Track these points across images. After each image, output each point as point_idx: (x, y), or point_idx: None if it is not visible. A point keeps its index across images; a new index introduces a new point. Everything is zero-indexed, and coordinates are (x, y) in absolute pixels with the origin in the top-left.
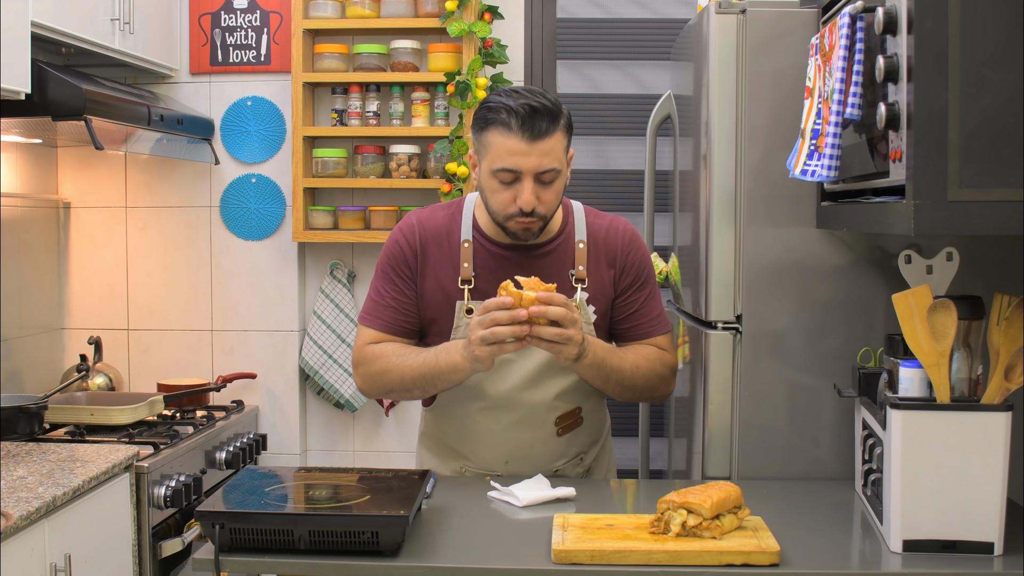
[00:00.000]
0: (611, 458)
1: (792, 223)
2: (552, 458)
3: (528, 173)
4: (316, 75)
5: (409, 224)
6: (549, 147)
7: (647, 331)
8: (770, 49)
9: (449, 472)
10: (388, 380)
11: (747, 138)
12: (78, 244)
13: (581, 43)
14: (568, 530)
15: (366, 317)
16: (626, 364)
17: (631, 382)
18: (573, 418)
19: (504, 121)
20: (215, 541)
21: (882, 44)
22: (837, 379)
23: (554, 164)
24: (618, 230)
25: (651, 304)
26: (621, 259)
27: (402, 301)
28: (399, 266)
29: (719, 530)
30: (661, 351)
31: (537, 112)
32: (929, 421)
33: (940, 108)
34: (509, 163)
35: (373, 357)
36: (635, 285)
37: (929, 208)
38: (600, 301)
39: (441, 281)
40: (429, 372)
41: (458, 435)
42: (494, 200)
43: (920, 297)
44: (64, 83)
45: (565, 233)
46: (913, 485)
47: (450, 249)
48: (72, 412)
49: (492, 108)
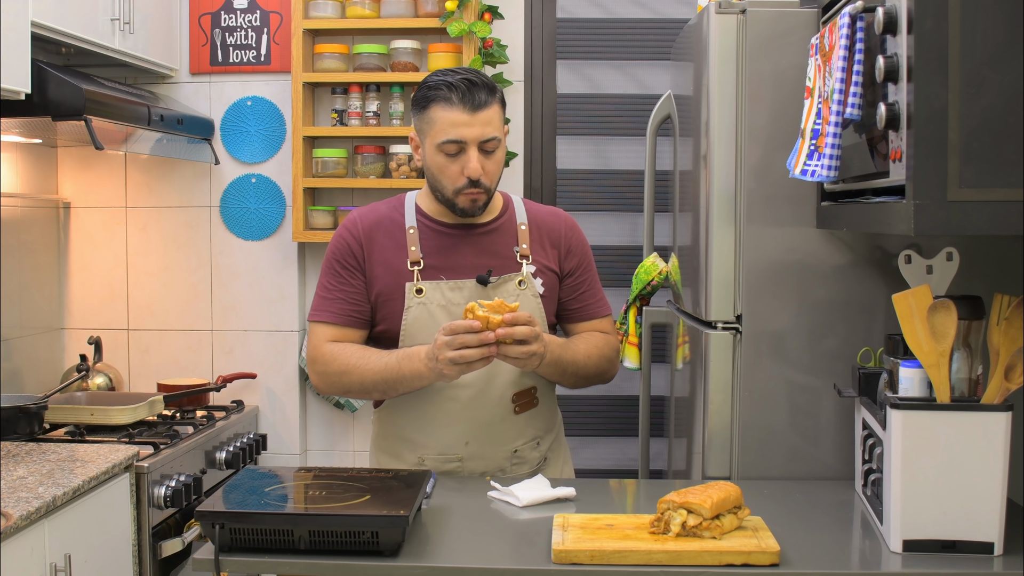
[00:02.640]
0: (567, 451)
1: (792, 223)
2: (511, 437)
3: (472, 142)
4: (316, 75)
5: (351, 219)
6: (488, 117)
7: (594, 312)
8: (770, 49)
9: (407, 466)
10: (347, 381)
11: (747, 138)
12: (78, 244)
13: (581, 43)
14: (568, 530)
15: (316, 313)
16: (579, 356)
17: (584, 372)
18: (529, 396)
19: (445, 96)
20: (215, 541)
21: (882, 44)
22: (837, 379)
23: (495, 133)
24: (559, 216)
25: (595, 287)
26: (565, 242)
27: (350, 292)
28: (344, 258)
29: (719, 530)
30: (606, 335)
31: (475, 85)
32: (929, 421)
33: (940, 108)
34: (453, 134)
35: (331, 357)
36: (581, 267)
37: (929, 208)
38: (546, 276)
39: (390, 264)
40: (391, 377)
41: (414, 423)
42: (443, 175)
43: (920, 297)
44: (64, 83)
45: (507, 215)
46: (913, 485)
47: (394, 235)
48: (72, 412)
49: (432, 87)
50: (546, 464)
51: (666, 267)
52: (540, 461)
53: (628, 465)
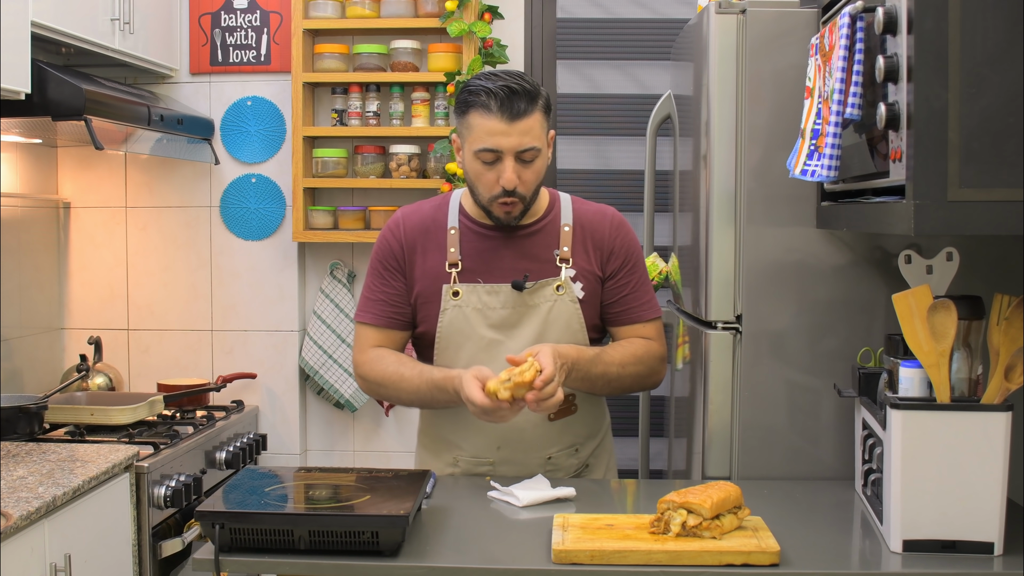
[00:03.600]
0: (612, 458)
1: (792, 223)
2: (544, 444)
3: (508, 152)
4: (316, 75)
5: (395, 220)
6: (528, 127)
7: (638, 315)
8: (770, 49)
9: (443, 465)
10: (384, 393)
11: (747, 138)
12: (78, 244)
13: (581, 43)
14: (568, 530)
15: (360, 313)
16: (612, 368)
17: (619, 382)
18: (566, 404)
19: (484, 103)
20: (215, 541)
21: (882, 44)
22: (837, 379)
23: (533, 143)
24: (605, 215)
25: (642, 289)
26: (609, 242)
27: (391, 294)
28: (387, 259)
29: (719, 530)
30: (649, 342)
31: (515, 93)
32: (929, 421)
33: (940, 108)
34: (490, 143)
35: (370, 367)
36: (625, 267)
37: (929, 208)
38: (587, 279)
39: (429, 267)
40: (424, 401)
41: (451, 424)
42: (478, 182)
43: (920, 297)
44: (64, 83)
45: (551, 216)
46: (913, 485)
47: (437, 237)
48: (72, 412)
49: (472, 91)
50: (588, 471)
51: (666, 267)
52: (580, 468)
53: (628, 465)
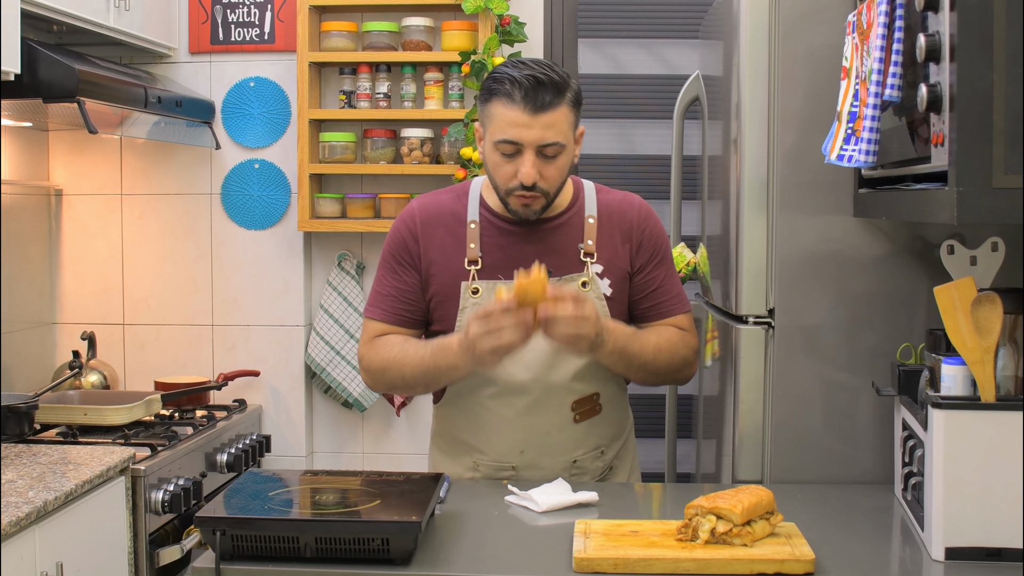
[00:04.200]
0: (635, 459)
1: (828, 211)
2: (569, 447)
3: (529, 146)
4: (323, 54)
5: (409, 211)
6: (552, 120)
7: (668, 310)
8: (804, 26)
9: (462, 469)
10: (390, 377)
11: (780, 121)
12: (71, 233)
13: (604, 20)
14: (590, 537)
15: (370, 308)
16: (647, 348)
17: (654, 366)
18: (591, 404)
19: (507, 92)
20: (216, 549)
21: (923, 21)
22: (875, 377)
23: (557, 138)
24: (632, 204)
25: (670, 282)
26: (637, 234)
27: (403, 290)
28: (399, 253)
29: (750, 537)
30: (682, 332)
31: (541, 84)
32: (973, 421)
33: (985, 89)
34: (510, 134)
35: (373, 353)
36: (653, 261)
37: (973, 195)
38: (614, 275)
39: (447, 263)
40: (428, 371)
41: (470, 427)
42: (496, 174)
43: (963, 290)
44: (56, 63)
45: (575, 208)
46: (956, 489)
47: (455, 230)
48: (64, 412)
49: (496, 79)
50: (612, 473)
51: (694, 258)
52: (604, 471)
53: (654, 468)
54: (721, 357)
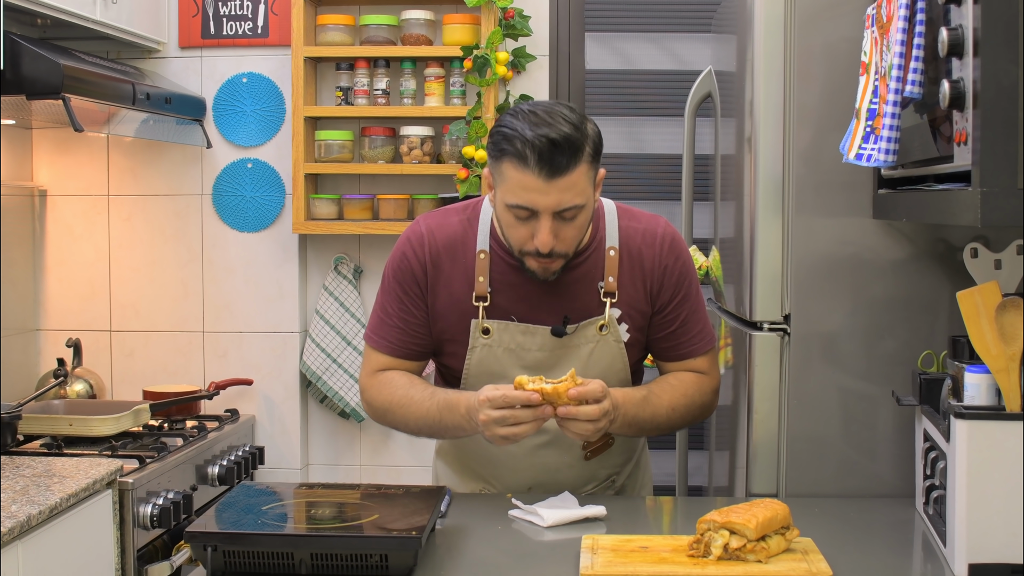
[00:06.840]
0: (647, 474)
1: (846, 213)
2: (580, 483)
3: (546, 212)
4: (319, 49)
5: (418, 234)
6: (571, 183)
7: (687, 352)
8: (822, 20)
9: (468, 492)
10: (392, 419)
11: (796, 119)
12: (55, 236)
13: (612, 13)
14: (598, 553)
15: (372, 337)
16: (661, 411)
17: (668, 426)
18: (603, 441)
19: (519, 153)
20: (207, 565)
21: (945, 15)
22: (896, 386)
23: (576, 200)
24: (655, 236)
25: (693, 320)
26: (659, 271)
27: (410, 322)
28: (406, 282)
29: (765, 553)
30: (700, 376)
31: (557, 146)
32: (997, 432)
33: (1010, 85)
34: (524, 200)
35: (376, 391)
36: (675, 299)
37: (997, 196)
38: (634, 316)
39: (455, 297)
40: (433, 425)
41: (477, 457)
42: (511, 234)
43: (988, 295)
44: (40, 58)
45: (595, 243)
46: (980, 503)
47: (464, 261)
48: (48, 422)
49: (506, 136)
50: (622, 489)
51: (706, 262)
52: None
53: (665, 481)
54: (734, 365)
